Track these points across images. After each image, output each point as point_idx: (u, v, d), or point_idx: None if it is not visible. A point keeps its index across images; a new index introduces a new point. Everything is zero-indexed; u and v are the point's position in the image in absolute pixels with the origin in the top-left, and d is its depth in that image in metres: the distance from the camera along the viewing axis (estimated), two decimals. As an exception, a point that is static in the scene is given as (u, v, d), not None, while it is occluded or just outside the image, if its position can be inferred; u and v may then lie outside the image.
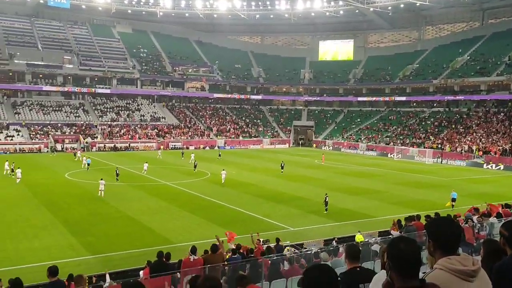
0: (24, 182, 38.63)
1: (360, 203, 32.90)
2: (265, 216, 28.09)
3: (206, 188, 37.92)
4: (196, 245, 13.11)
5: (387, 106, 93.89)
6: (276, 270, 11.47)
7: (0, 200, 31.40)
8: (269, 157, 65.65)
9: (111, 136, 76.58)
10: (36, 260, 19.18)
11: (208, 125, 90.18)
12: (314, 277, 2.70)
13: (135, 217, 27.26)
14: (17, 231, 23.98)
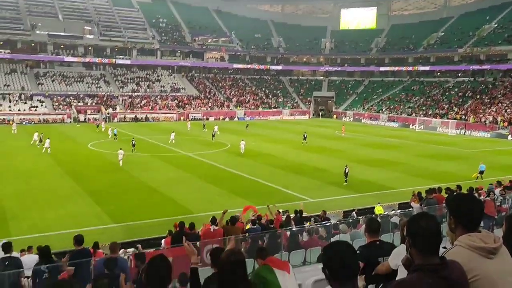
0: (46, 152, 39.52)
1: (380, 175, 32.74)
2: (284, 187, 28.24)
3: (226, 159, 38.20)
4: (215, 215, 13.33)
5: (410, 76, 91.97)
6: (295, 241, 11.61)
7: (26, 169, 32.28)
8: (289, 128, 65.48)
9: (132, 107, 77.28)
10: (62, 228, 19.81)
11: (228, 96, 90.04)
12: (334, 254, 2.72)
13: (157, 187, 27.75)
14: (43, 199, 24.71)
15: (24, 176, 30.18)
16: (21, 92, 72.56)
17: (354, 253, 2.73)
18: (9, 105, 68.41)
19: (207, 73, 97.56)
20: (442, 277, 2.83)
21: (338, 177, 30.51)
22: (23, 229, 19.86)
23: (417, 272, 2.90)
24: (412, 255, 3.01)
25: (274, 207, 17.76)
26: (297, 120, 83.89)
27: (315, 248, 11.67)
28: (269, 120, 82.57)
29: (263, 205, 20.72)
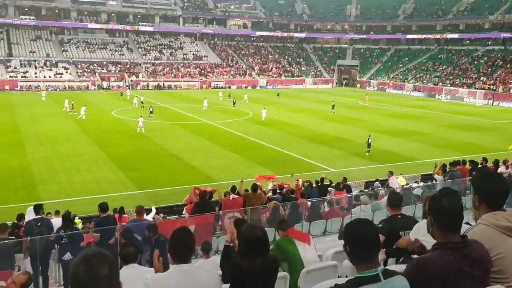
0: (74, 118, 40.30)
1: (404, 145, 32.37)
2: (306, 157, 28.23)
3: (247, 127, 38.26)
4: (235, 184, 13.48)
5: (438, 44, 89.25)
6: (316, 211, 11.68)
7: (53, 135, 33.04)
8: (311, 98, 64.86)
9: (154, 74, 77.54)
10: (89, 193, 20.38)
11: (250, 64, 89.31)
12: (355, 232, 2.72)
13: (179, 155, 28.11)
14: (70, 164, 25.37)
15: (51, 142, 30.92)
16: (46, 59, 73.47)
17: (375, 231, 2.73)
18: (35, 72, 69.48)
19: (230, 41, 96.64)
20: (463, 255, 2.83)
21: (361, 147, 30.29)
22: (51, 193, 20.52)
23: (438, 250, 2.90)
24: (433, 233, 3.01)
25: (300, 176, 17.77)
26: (320, 89, 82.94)
27: (335, 218, 11.74)
28: (291, 89, 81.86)
29: (284, 175, 20.87)
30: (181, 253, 3.50)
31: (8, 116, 40.99)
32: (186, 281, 3.40)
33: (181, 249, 3.51)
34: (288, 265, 4.71)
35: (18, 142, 30.61)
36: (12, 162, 25.53)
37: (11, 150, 28.23)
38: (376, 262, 2.69)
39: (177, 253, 3.51)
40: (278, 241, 4.98)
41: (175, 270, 3.47)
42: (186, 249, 3.52)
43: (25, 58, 72.12)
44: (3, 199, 19.29)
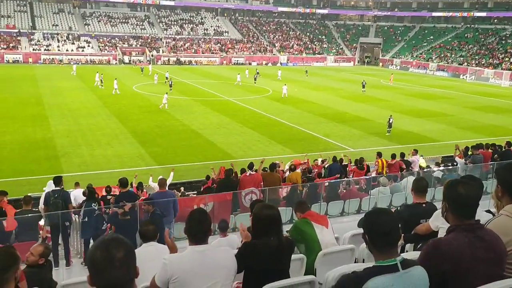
0: (95, 92, 40.71)
1: (426, 126, 31.85)
2: (325, 136, 28.06)
3: (267, 105, 38.10)
4: (254, 161, 13.48)
5: (465, 22, 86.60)
6: (334, 192, 11.64)
7: (76, 108, 33.49)
8: (332, 76, 64.04)
9: (175, 49, 77.42)
10: (110, 167, 20.72)
11: (271, 40, 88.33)
12: (375, 221, 2.68)
13: (199, 131, 28.24)
14: (92, 138, 25.76)
15: (74, 115, 31.37)
16: (68, 32, 73.95)
17: (396, 222, 2.69)
18: (57, 45, 70.09)
19: (251, 16, 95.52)
20: (477, 236, 2.83)
21: (381, 127, 29.93)
22: (73, 166, 20.92)
23: (453, 232, 2.90)
24: (447, 218, 3.02)
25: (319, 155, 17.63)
26: (341, 67, 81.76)
27: (353, 199, 11.70)
28: (312, 66, 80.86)
29: (302, 153, 20.80)
30: (198, 234, 3.54)
31: (32, 89, 41.64)
32: (203, 262, 3.44)
33: (198, 230, 3.54)
34: (305, 247, 4.72)
35: (41, 114, 31.15)
36: (36, 134, 26.04)
37: (35, 122, 28.77)
38: (395, 252, 2.66)
39: (194, 234, 3.55)
40: (296, 222, 4.98)
41: (193, 251, 3.51)
42: (203, 230, 3.56)
43: (48, 31, 72.71)
44: (27, 170, 19.77)
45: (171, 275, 3.37)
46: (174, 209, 9.02)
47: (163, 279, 3.41)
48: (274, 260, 3.66)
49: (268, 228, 3.70)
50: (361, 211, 11.40)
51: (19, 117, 29.97)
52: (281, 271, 3.73)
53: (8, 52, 65.65)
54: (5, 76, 48.99)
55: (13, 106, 33.23)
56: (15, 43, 67.82)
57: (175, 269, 3.38)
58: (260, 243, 3.68)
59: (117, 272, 2.03)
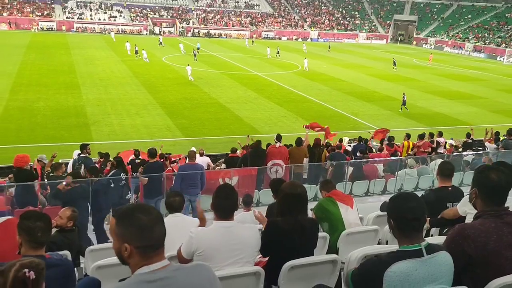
0: (126, 63, 41.09)
1: (457, 109, 31.01)
2: (352, 114, 27.70)
3: (295, 81, 37.73)
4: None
5: (506, 1, 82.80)
6: (359, 171, 11.53)
7: (106, 78, 33.97)
8: (363, 53, 62.69)
9: (205, 22, 77.03)
10: (138, 137, 21.06)
11: (303, 15, 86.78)
12: (400, 206, 2.63)
13: (226, 105, 28.28)
14: (121, 108, 26.15)
15: (104, 84, 31.84)
16: (101, 1, 74.35)
17: (422, 207, 2.63)
18: (90, 14, 70.68)
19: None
20: (505, 222, 2.77)
21: (411, 108, 29.30)
22: (102, 134, 21.35)
23: (480, 218, 2.86)
24: (475, 204, 2.97)
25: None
26: (373, 44, 79.83)
27: (379, 179, 11.58)
28: (343, 43, 79.30)
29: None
30: (225, 210, 3.59)
31: (65, 57, 42.35)
32: (228, 238, 3.50)
33: (224, 206, 3.59)
34: (329, 225, 4.71)
35: (73, 82, 31.73)
36: (68, 101, 26.61)
37: (68, 90, 29.35)
38: (420, 237, 2.61)
39: (220, 210, 3.59)
40: (321, 201, 4.97)
41: (218, 226, 3.57)
42: (229, 207, 3.60)
43: (81, 0, 73.27)
44: (58, 137, 20.28)
45: (196, 248, 3.45)
46: (201, 182, 9.12)
47: (188, 251, 3.50)
48: (298, 238, 3.67)
49: (294, 206, 3.69)
50: (387, 192, 11.28)
51: (52, 84, 30.62)
52: (305, 250, 3.73)
53: (42, 20, 66.66)
54: (40, 44, 49.90)
55: (47, 74, 33.93)
56: (49, 11, 68.75)
57: (200, 243, 3.45)
58: (284, 221, 3.69)
59: (161, 228, 2.18)
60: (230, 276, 3.37)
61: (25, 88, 28.95)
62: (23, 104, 25.25)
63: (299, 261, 3.55)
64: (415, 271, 2.50)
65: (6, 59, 38.38)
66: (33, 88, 29.18)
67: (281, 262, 3.53)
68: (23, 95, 27.25)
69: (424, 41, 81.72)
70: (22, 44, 48.04)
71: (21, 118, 22.84)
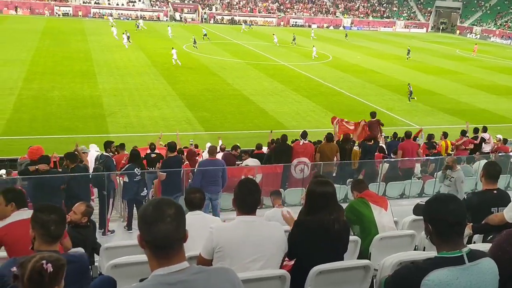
0: (144, 51, 41.57)
1: (504, 105, 30.27)
2: (388, 110, 27.36)
3: (326, 72, 37.48)
4: (309, 132, 13.32)
5: None
6: (393, 172, 11.40)
7: (123, 66, 34.47)
8: (401, 43, 61.74)
9: (229, 7, 77.15)
10: (155, 130, 21.23)
11: (335, 1, 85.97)
12: (439, 209, 2.59)
13: (250, 97, 28.32)
14: (139, 98, 26.52)
15: (121, 73, 32.31)
16: (120, -15, 75.25)
17: (463, 210, 2.58)
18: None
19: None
20: None
21: (452, 103, 28.82)
22: (119, 126, 21.69)
23: None
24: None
25: None
26: (412, 33, 78.54)
27: (415, 181, 11.42)
28: (379, 31, 78.29)
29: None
30: (247, 205, 3.62)
31: (81, 44, 43.12)
32: (250, 233, 3.53)
33: (247, 200, 3.63)
34: (361, 228, 4.68)
35: (89, 71, 32.30)
36: (84, 91, 27.12)
37: (84, 79, 29.90)
38: (460, 243, 2.57)
39: (242, 205, 3.64)
40: (352, 202, 4.94)
41: (239, 220, 3.61)
42: (252, 201, 3.64)
43: (99, -16, 74.30)
44: (73, 128, 20.72)
45: (216, 243, 3.48)
46: (222, 178, 9.17)
47: (208, 248, 3.52)
48: (327, 239, 3.66)
49: (322, 205, 3.69)
50: (424, 195, 11.12)
51: (67, 72, 31.24)
52: (335, 253, 3.72)
53: (58, 4, 67.97)
54: (55, 30, 50.93)
55: (62, 61, 34.63)
56: (65, -5, 70.00)
57: (220, 238, 3.49)
58: (312, 220, 3.69)
59: (167, 226, 2.16)
60: (254, 279, 3.39)
61: (40, 77, 29.62)
62: (37, 93, 25.85)
63: (328, 265, 3.54)
64: (456, 279, 2.46)
65: (20, 45, 39.33)
66: (48, 76, 29.84)
67: (309, 266, 3.53)
68: (37, 83, 27.90)
69: (469, 30, 79.91)
70: (37, 30, 49.12)
71: (35, 108, 23.40)
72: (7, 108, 22.90)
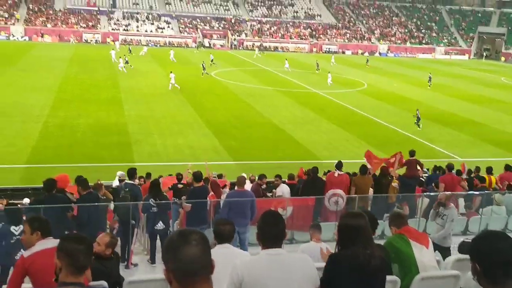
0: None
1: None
2: (427, 140, 26.95)
3: (360, 100, 37.37)
4: (343, 163, 13.21)
5: None
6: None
7: (149, 93, 35.21)
8: (441, 70, 61.25)
9: (260, 33, 78.40)
10: (181, 158, 21.47)
11: (370, 27, 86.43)
12: (489, 248, 2.50)
13: (280, 125, 28.40)
14: (164, 126, 26.93)
15: (147, 100, 32.97)
16: (149, 12, 77.75)
17: None
18: (136, 25, 73.98)
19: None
20: None
21: (498, 134, 28.21)
22: (144, 155, 22.00)
23: None
24: None
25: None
26: (453, 60, 77.91)
27: (459, 217, 11.09)
28: (417, 58, 78.00)
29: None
30: (271, 237, 3.63)
31: (108, 71, 44.39)
32: (276, 267, 3.50)
33: (271, 232, 3.64)
34: (400, 267, 4.56)
35: (116, 97, 33.12)
36: (110, 118, 27.75)
37: (110, 106, 30.63)
38: (511, 285, 2.46)
39: (266, 236, 3.64)
40: (390, 238, 4.83)
41: (264, 253, 3.61)
42: (276, 233, 3.64)
43: (128, 10, 76.99)
44: (99, 156, 21.10)
45: (241, 277, 3.46)
46: (251, 211, 9.13)
47: (233, 282, 3.50)
48: (361, 275, 3.57)
49: (355, 238, 3.63)
50: (468, 233, 10.80)
51: (94, 100, 32.08)
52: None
53: (87, 31, 70.50)
54: (83, 57, 52.70)
55: (89, 89, 35.64)
56: (94, 22, 72.68)
57: (245, 272, 3.47)
58: (345, 254, 3.63)
59: (193, 250, 2.22)
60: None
61: (66, 104, 30.51)
62: (63, 121, 26.58)
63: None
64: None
65: (48, 72, 40.80)
66: (74, 103, 30.69)
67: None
68: (64, 111, 28.71)
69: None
70: (65, 57, 50.88)
71: (60, 136, 24.02)
72: (33, 135, 23.58)
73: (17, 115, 26.87)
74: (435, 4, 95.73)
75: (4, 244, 7.33)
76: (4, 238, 7.33)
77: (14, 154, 20.81)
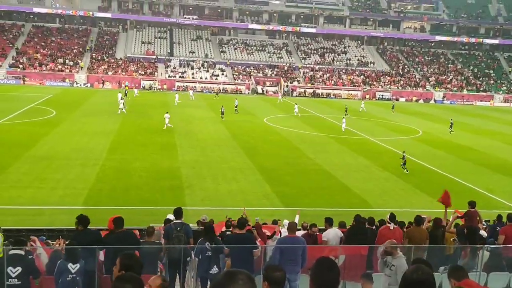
0: (224, 123, 43.26)
1: None
2: (487, 190, 25.90)
3: (415, 148, 36.60)
4: (396, 213, 12.87)
5: None
6: (498, 260, 10.54)
7: (203, 138, 35.96)
8: (500, 118, 59.38)
9: (312, 80, 79.17)
10: (233, 203, 21.56)
11: (425, 74, 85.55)
12: None
13: (332, 172, 28.14)
14: (217, 171, 27.26)
15: (202, 145, 33.66)
16: (204, 60, 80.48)
17: None
18: (192, 72, 76.57)
19: (402, 46, 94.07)
20: None
21: None
22: (196, 199, 22.28)
23: None
24: None
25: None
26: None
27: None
28: (475, 105, 76.10)
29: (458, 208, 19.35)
30: (325, 283, 3.61)
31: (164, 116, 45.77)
32: None
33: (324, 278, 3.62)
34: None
35: (170, 142, 34.00)
36: (163, 163, 28.42)
37: (164, 151, 31.45)
38: None
39: (321, 283, 3.64)
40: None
41: None
42: (332, 279, 3.62)
43: (185, 58, 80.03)
44: (151, 200, 21.56)
45: None
46: (302, 258, 8.97)
47: None
48: None
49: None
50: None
51: (149, 144, 33.09)
52: None
53: (145, 79, 73.56)
54: (140, 102, 54.81)
55: (145, 134, 36.85)
56: (152, 70, 75.86)
57: None
58: None
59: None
60: None
61: (123, 148, 31.61)
62: (119, 164, 27.47)
63: None
64: None
65: (108, 117, 42.62)
66: (131, 147, 31.76)
67: None
68: (120, 154, 29.73)
69: None
70: (124, 103, 53.02)
71: (115, 179, 24.77)
72: (90, 178, 24.45)
73: (77, 159, 28.01)
74: (493, 52, 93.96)
75: (61, 282, 7.52)
76: (61, 274, 7.54)
77: (72, 197, 21.59)
